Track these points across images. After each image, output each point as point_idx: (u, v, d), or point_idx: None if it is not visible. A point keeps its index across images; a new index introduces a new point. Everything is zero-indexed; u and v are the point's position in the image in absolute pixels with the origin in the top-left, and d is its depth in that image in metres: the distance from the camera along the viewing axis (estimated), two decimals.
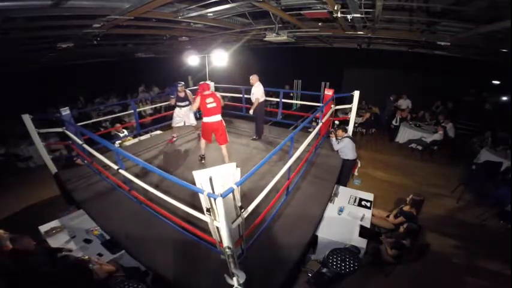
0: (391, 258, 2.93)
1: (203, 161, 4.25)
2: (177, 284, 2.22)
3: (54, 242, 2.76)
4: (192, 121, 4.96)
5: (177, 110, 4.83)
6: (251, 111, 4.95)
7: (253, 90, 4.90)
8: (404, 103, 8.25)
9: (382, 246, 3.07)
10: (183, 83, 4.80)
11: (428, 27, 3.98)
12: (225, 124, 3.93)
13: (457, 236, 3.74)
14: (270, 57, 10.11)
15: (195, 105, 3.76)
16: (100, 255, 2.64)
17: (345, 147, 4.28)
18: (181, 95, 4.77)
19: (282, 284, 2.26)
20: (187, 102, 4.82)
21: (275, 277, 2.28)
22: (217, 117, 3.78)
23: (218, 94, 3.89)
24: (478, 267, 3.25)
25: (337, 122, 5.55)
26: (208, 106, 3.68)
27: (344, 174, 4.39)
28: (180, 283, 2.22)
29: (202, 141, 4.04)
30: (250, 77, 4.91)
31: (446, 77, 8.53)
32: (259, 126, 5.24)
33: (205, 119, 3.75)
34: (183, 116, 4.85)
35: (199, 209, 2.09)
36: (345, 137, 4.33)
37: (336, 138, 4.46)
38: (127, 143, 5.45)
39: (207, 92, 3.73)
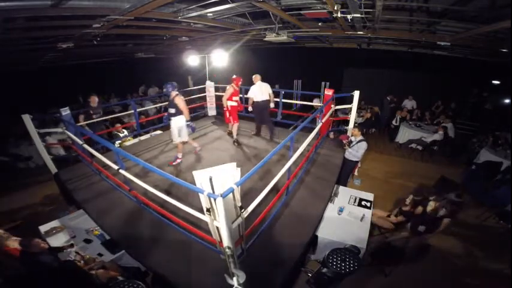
0: (392, 224, 2.94)
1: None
2: (177, 284, 2.22)
3: (54, 242, 2.77)
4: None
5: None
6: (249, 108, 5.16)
7: None
8: (409, 103, 8.24)
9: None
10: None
11: (428, 27, 3.99)
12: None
13: (457, 236, 3.74)
14: (270, 57, 10.10)
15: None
16: (100, 255, 2.65)
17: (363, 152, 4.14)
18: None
19: (282, 284, 2.26)
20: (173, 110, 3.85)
21: (275, 277, 2.28)
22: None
23: None
24: (478, 267, 3.25)
25: (345, 140, 4.47)
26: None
27: (344, 174, 4.38)
28: (180, 283, 2.22)
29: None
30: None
31: (446, 77, 8.53)
32: (256, 125, 5.47)
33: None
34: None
35: (199, 209, 2.09)
36: (361, 140, 4.11)
37: (349, 146, 4.21)
38: (127, 143, 5.45)
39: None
